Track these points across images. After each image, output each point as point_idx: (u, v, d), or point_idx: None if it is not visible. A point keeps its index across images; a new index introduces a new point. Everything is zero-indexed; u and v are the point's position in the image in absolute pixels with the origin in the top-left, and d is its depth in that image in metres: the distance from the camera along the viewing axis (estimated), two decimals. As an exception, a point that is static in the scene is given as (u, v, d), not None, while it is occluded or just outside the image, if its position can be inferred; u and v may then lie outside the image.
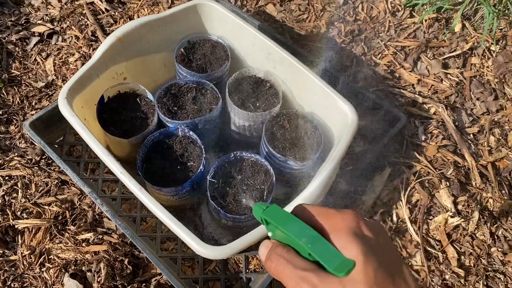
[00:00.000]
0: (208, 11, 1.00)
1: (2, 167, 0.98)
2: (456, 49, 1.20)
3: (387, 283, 0.36)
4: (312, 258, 0.38)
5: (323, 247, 0.37)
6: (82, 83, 0.88)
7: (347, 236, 0.37)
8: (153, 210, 0.73)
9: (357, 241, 0.37)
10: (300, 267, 0.37)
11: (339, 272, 0.35)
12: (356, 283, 0.35)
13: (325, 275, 0.36)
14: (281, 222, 0.41)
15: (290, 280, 0.37)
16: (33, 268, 0.88)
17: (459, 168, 1.00)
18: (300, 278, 0.36)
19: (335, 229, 0.38)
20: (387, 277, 0.36)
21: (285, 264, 0.38)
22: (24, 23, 1.24)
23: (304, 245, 0.37)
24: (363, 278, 0.35)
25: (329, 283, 0.35)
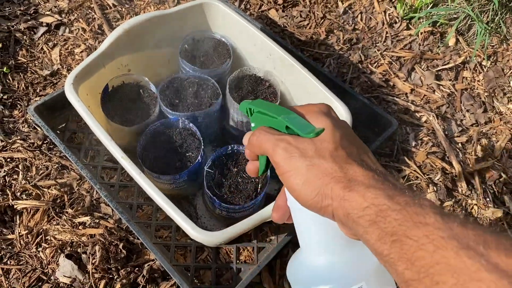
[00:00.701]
0: (213, 10, 1.04)
1: (5, 149, 1.01)
2: (449, 62, 1.25)
3: (352, 148, 0.41)
4: (289, 131, 0.43)
5: (298, 120, 0.43)
6: (89, 71, 0.91)
7: (319, 114, 0.43)
8: (150, 194, 0.76)
9: (327, 118, 0.43)
10: (279, 134, 0.43)
11: (309, 134, 0.41)
12: (324, 141, 0.40)
13: (299, 137, 0.42)
14: (264, 107, 0.47)
15: (269, 143, 0.43)
16: (29, 247, 0.90)
17: (447, 174, 1.04)
18: (278, 139, 0.42)
19: (310, 112, 0.45)
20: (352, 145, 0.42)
21: (265, 133, 0.44)
22: (33, 13, 1.27)
23: (282, 120, 0.43)
24: (331, 138, 0.40)
25: (302, 141, 0.41)
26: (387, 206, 0.34)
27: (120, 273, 0.86)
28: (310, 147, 0.40)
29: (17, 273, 0.87)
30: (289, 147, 0.41)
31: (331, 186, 0.38)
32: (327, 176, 0.38)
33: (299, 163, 0.39)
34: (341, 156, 0.39)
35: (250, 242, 0.94)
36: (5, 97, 1.09)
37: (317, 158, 0.39)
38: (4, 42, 1.19)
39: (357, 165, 0.39)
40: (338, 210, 0.37)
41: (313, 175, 0.39)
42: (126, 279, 0.86)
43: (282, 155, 0.41)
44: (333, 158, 0.39)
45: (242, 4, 1.36)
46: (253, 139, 0.45)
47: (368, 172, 0.38)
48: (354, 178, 0.38)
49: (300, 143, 0.41)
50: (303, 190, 0.39)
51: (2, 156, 1.00)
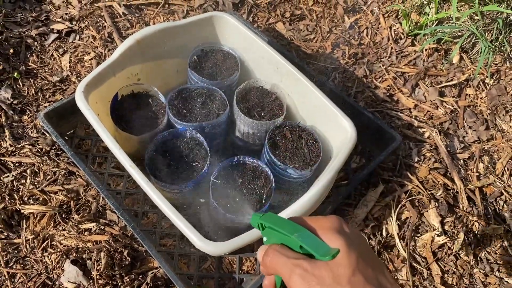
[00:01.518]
0: (222, 23, 1.06)
1: (14, 153, 1.02)
2: (452, 79, 1.26)
3: (367, 270, 0.42)
4: (303, 251, 0.43)
5: (312, 240, 0.43)
6: (99, 79, 0.93)
7: (332, 233, 0.43)
8: (157, 203, 0.78)
9: (341, 236, 0.43)
10: (293, 257, 0.43)
11: (325, 256, 0.41)
12: (340, 266, 0.41)
13: (315, 261, 0.42)
14: (275, 223, 0.47)
15: (285, 267, 0.43)
16: (35, 252, 0.91)
17: (448, 190, 1.05)
18: (293, 264, 0.42)
19: (322, 228, 0.45)
20: (367, 266, 0.42)
21: (279, 256, 0.44)
22: (44, 20, 1.30)
23: (295, 239, 0.43)
24: (347, 262, 0.41)
25: (318, 266, 0.41)
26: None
27: (124, 280, 0.87)
28: (327, 274, 0.40)
29: (23, 278, 0.88)
30: (306, 275, 0.41)
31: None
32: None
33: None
34: (359, 282, 0.40)
35: (252, 253, 0.95)
36: (15, 102, 1.11)
37: (335, 285, 0.40)
38: (15, 48, 1.21)
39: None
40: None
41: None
42: (130, 286, 0.87)
43: (300, 283, 0.41)
44: (351, 285, 0.40)
45: (250, 16, 1.38)
46: (266, 260, 0.45)
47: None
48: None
49: (316, 269, 0.41)
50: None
51: (10, 161, 1.01)
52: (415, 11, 1.36)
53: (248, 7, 1.39)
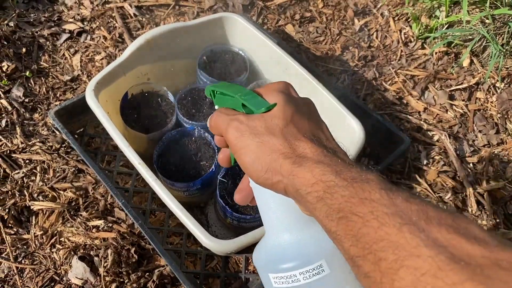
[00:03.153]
0: (232, 24, 1.07)
1: (24, 150, 1.04)
2: (463, 83, 1.26)
3: (303, 123, 0.41)
4: (246, 111, 0.44)
5: (253, 97, 0.44)
6: (109, 78, 0.94)
7: (276, 92, 0.44)
8: (165, 201, 0.78)
9: (282, 94, 0.43)
10: (232, 114, 0.44)
11: (260, 108, 0.42)
12: (274, 117, 0.41)
13: (251, 115, 0.43)
14: (225, 88, 0.48)
15: (223, 123, 0.43)
16: (44, 248, 0.92)
17: (457, 194, 1.04)
18: (231, 119, 0.43)
19: (267, 89, 0.45)
20: (303, 120, 0.42)
21: (221, 114, 0.45)
22: (57, 20, 1.31)
23: (238, 98, 0.44)
24: (281, 115, 0.41)
25: (253, 118, 0.42)
26: (334, 183, 0.34)
27: (130, 278, 0.88)
28: (260, 124, 0.41)
29: (31, 273, 0.89)
30: (240, 126, 0.41)
31: (280, 162, 0.38)
32: (276, 152, 0.39)
33: (249, 140, 0.40)
34: (291, 132, 0.40)
35: (259, 253, 0.95)
36: (26, 101, 1.12)
37: (266, 135, 0.40)
38: (28, 47, 1.23)
39: (308, 140, 0.39)
40: (288, 187, 0.38)
41: (262, 152, 0.39)
42: (136, 283, 0.87)
43: (234, 134, 0.41)
44: (283, 134, 0.40)
45: (260, 18, 1.38)
46: (211, 120, 0.46)
47: (317, 148, 0.38)
48: (303, 154, 0.38)
49: (251, 121, 0.41)
50: (253, 167, 0.40)
51: (21, 158, 1.03)
52: (425, 14, 1.36)
53: (258, 9, 1.39)
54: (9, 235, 0.93)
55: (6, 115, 1.09)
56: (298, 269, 0.41)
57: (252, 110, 0.43)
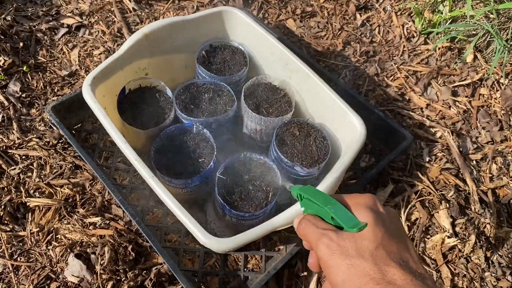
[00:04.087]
0: (232, 18, 1.05)
1: (21, 146, 1.02)
2: (466, 79, 1.24)
3: (392, 246, 0.43)
4: (334, 223, 0.46)
5: (342, 212, 0.46)
6: (106, 73, 0.92)
7: (364, 209, 0.45)
8: (162, 198, 0.77)
9: (371, 212, 0.45)
10: (322, 227, 0.46)
11: (352, 228, 0.43)
12: (365, 239, 0.43)
13: (341, 232, 0.44)
14: (313, 195, 0.50)
15: (313, 235, 0.45)
16: (40, 245, 0.91)
17: (460, 191, 1.03)
18: (321, 233, 0.45)
19: (355, 203, 0.47)
20: (392, 242, 0.43)
21: (310, 225, 0.47)
22: (55, 14, 1.30)
23: (327, 210, 0.46)
24: (372, 237, 0.43)
25: (343, 237, 0.43)
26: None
27: (127, 275, 0.86)
28: (351, 245, 0.42)
29: (27, 270, 0.88)
30: (331, 244, 0.43)
31: (370, 286, 0.40)
32: (366, 277, 0.40)
33: (340, 261, 0.42)
34: (381, 257, 0.42)
35: (258, 251, 0.94)
36: (23, 96, 1.11)
37: (357, 258, 0.42)
38: (25, 41, 1.21)
39: (397, 266, 0.41)
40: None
41: (353, 275, 0.41)
42: (133, 281, 0.86)
43: (325, 251, 0.43)
44: (373, 258, 0.41)
45: (261, 13, 1.37)
46: (299, 227, 0.49)
47: (407, 276, 0.40)
48: (393, 280, 0.40)
49: (341, 240, 0.43)
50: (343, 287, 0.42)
51: (18, 154, 1.01)
52: (429, 9, 1.34)
53: (258, 3, 1.37)
54: (5, 232, 0.92)
55: (2, 110, 1.07)
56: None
57: (343, 226, 0.44)
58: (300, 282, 0.91)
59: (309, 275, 0.91)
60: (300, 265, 0.92)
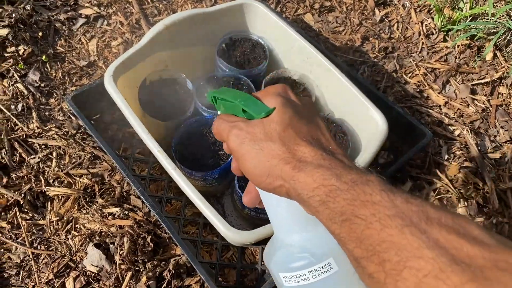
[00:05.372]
0: (253, 11, 1.05)
1: (40, 135, 1.03)
2: (485, 77, 1.23)
3: (301, 127, 0.42)
4: (246, 116, 0.45)
5: (252, 103, 0.45)
6: (128, 64, 0.92)
7: (273, 96, 0.44)
8: (184, 189, 0.77)
9: (280, 97, 0.44)
10: (233, 120, 0.45)
11: (259, 114, 0.43)
12: (273, 122, 0.42)
13: (250, 121, 0.43)
14: (225, 93, 0.50)
15: (225, 130, 0.45)
16: (59, 234, 0.92)
17: (478, 190, 1.02)
18: (232, 126, 0.44)
19: (265, 93, 0.46)
20: (302, 123, 0.42)
21: (222, 121, 0.46)
22: (73, 4, 1.30)
23: (238, 103, 0.45)
24: (279, 119, 0.42)
25: (252, 124, 0.43)
26: (335, 187, 0.35)
27: (146, 266, 0.87)
28: (259, 130, 0.42)
29: (47, 259, 0.89)
30: (240, 133, 0.42)
31: (280, 167, 0.39)
32: (276, 158, 0.39)
33: (249, 147, 0.41)
34: (290, 137, 0.40)
35: (276, 245, 0.94)
36: (42, 85, 1.11)
37: (265, 141, 0.41)
38: (44, 31, 1.21)
39: (307, 144, 0.39)
40: (290, 190, 0.38)
41: (262, 158, 0.40)
42: (152, 272, 0.86)
43: (235, 141, 0.42)
44: (281, 139, 0.40)
45: (278, 7, 1.36)
46: (213, 127, 0.48)
47: (317, 151, 0.39)
48: (303, 158, 0.38)
49: (250, 127, 0.42)
50: (255, 173, 0.41)
51: (37, 143, 1.02)
52: (449, 6, 1.32)
53: (276, -3, 1.37)
54: (25, 220, 0.93)
55: (22, 100, 1.08)
56: (307, 268, 0.42)
57: (252, 115, 0.44)
58: (317, 277, 0.91)
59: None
60: (318, 260, 0.92)
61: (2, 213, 0.93)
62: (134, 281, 0.85)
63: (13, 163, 0.99)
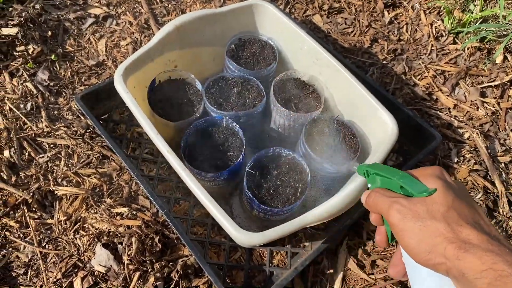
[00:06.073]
0: (262, 12, 1.04)
1: (49, 135, 1.03)
2: (495, 80, 1.22)
3: (463, 209, 0.43)
4: (404, 192, 0.47)
5: (411, 181, 0.46)
6: (138, 64, 0.92)
7: (432, 177, 0.46)
8: (194, 190, 0.76)
9: (439, 180, 0.45)
10: (393, 196, 0.47)
11: (422, 193, 0.44)
12: (436, 203, 0.43)
13: (412, 198, 0.45)
14: (380, 169, 0.52)
15: (384, 204, 0.46)
16: (67, 233, 0.92)
17: (488, 193, 1.01)
18: (392, 201, 0.45)
19: (423, 174, 0.47)
20: (463, 206, 0.43)
21: (380, 195, 0.48)
22: (82, 4, 1.30)
23: (396, 180, 0.47)
24: (442, 200, 0.43)
25: (414, 202, 0.44)
26: (507, 273, 0.36)
27: (154, 267, 0.87)
28: (422, 208, 0.43)
29: (55, 258, 0.89)
30: (402, 209, 0.44)
31: (444, 245, 0.40)
32: (440, 236, 0.41)
33: (412, 223, 0.43)
34: (453, 218, 0.42)
35: (284, 247, 0.94)
36: (51, 84, 1.11)
37: (429, 219, 0.42)
38: (53, 30, 1.22)
39: (470, 227, 0.41)
40: (452, 269, 0.40)
41: (426, 235, 0.42)
42: (160, 272, 0.86)
43: (397, 216, 0.44)
44: (445, 219, 0.42)
45: (287, 8, 1.36)
46: (369, 200, 0.49)
47: (482, 236, 0.40)
48: (467, 240, 0.40)
49: (413, 205, 0.44)
50: (416, 249, 0.42)
51: (46, 142, 1.02)
52: (459, 8, 1.32)
53: (285, -2, 1.37)
54: (33, 219, 0.93)
55: (31, 99, 1.08)
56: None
57: (412, 193, 0.45)
58: (325, 279, 0.90)
59: (334, 272, 0.91)
60: (326, 262, 0.92)
61: (11, 212, 0.94)
62: (142, 281, 0.85)
63: (22, 162, 0.99)
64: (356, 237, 0.95)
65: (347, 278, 0.91)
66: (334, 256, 0.93)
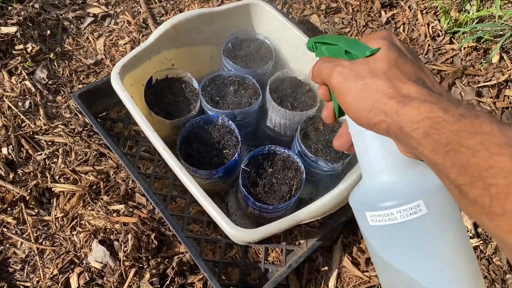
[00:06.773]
0: (259, 11, 1.05)
1: (47, 132, 1.04)
2: (491, 79, 1.22)
3: (407, 66, 0.41)
4: (348, 57, 0.44)
5: (356, 44, 0.44)
6: (135, 62, 0.93)
7: (378, 39, 0.43)
8: (189, 188, 0.77)
9: (384, 40, 0.42)
10: (335, 61, 0.44)
11: (363, 53, 0.42)
12: (378, 61, 0.40)
13: (355, 60, 0.43)
14: (327, 38, 0.49)
15: (327, 69, 0.44)
16: (64, 230, 0.92)
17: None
18: (334, 65, 0.43)
19: (370, 37, 0.44)
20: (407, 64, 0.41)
21: (323, 62, 0.45)
22: (81, 3, 1.31)
23: (341, 45, 0.45)
24: (385, 58, 0.40)
25: (356, 63, 0.42)
26: (442, 119, 0.34)
27: (150, 263, 0.87)
28: (363, 68, 0.41)
29: (51, 254, 0.90)
30: (344, 70, 0.42)
31: (384, 101, 0.38)
32: (380, 93, 0.39)
33: (353, 83, 0.40)
34: (395, 75, 0.40)
35: (279, 244, 0.94)
36: (50, 83, 1.12)
37: (370, 77, 0.40)
38: (52, 29, 1.23)
39: (412, 83, 0.39)
40: (391, 125, 0.38)
41: (366, 93, 0.39)
42: (155, 269, 0.87)
43: (338, 78, 0.42)
44: (386, 76, 0.40)
45: (285, 7, 1.36)
46: (313, 69, 0.47)
47: (423, 89, 0.38)
48: (408, 94, 0.38)
49: (354, 65, 0.41)
50: (357, 107, 0.40)
51: (44, 139, 1.03)
52: (455, 8, 1.32)
53: (283, -2, 1.37)
54: (30, 216, 0.94)
55: (29, 97, 1.09)
56: (396, 208, 0.41)
57: (356, 55, 0.43)
58: (320, 276, 0.91)
59: (329, 270, 0.91)
60: (321, 259, 0.92)
61: (8, 208, 0.94)
62: (137, 277, 0.86)
63: (19, 159, 1.00)
64: (351, 235, 0.96)
65: (342, 276, 0.91)
66: (329, 253, 0.93)
